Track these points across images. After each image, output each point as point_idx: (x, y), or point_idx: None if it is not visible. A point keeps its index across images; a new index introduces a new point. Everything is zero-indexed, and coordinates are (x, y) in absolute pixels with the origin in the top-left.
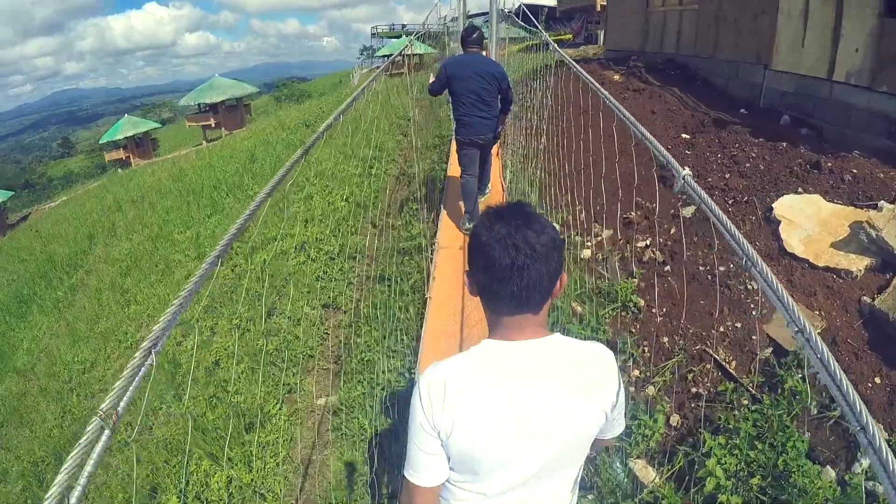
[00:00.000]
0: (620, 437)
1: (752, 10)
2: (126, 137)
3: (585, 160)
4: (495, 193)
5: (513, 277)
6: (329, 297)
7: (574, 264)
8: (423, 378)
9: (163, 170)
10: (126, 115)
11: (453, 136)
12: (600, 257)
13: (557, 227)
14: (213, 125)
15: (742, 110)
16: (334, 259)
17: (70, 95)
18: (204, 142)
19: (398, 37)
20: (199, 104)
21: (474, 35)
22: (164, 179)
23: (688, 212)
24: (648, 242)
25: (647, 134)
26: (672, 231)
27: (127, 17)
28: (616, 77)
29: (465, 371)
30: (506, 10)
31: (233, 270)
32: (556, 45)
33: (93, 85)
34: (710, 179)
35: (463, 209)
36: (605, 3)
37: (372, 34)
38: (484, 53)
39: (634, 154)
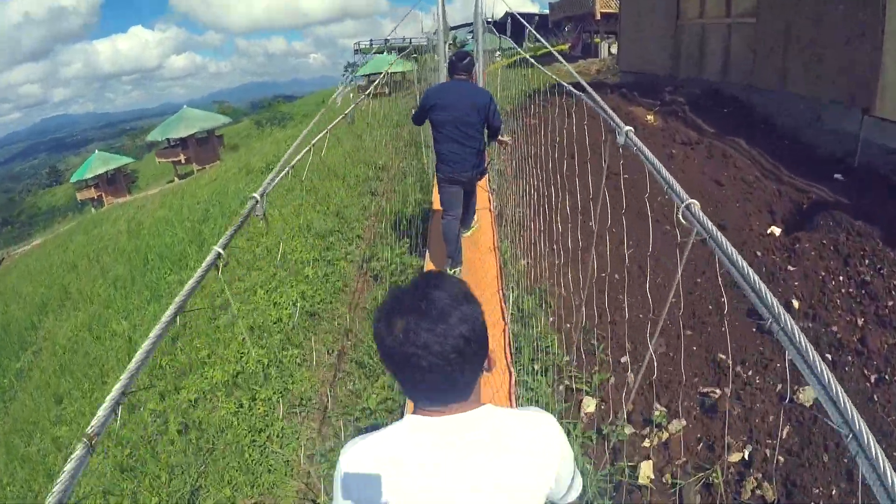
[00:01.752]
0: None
1: (843, 30)
2: (97, 175)
3: (614, 261)
4: (484, 227)
5: (426, 379)
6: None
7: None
8: (342, 460)
9: (126, 216)
10: (97, 150)
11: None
12: (667, 480)
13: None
14: (182, 161)
15: (837, 175)
16: (274, 408)
17: (58, 122)
18: (176, 178)
19: (382, 52)
20: (167, 139)
21: (464, 62)
22: (122, 233)
23: (807, 398)
24: (748, 455)
25: (753, 277)
26: (786, 432)
27: (112, 41)
28: (650, 117)
29: (388, 459)
30: (491, 21)
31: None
32: (567, 65)
33: (81, 110)
34: (833, 328)
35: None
36: (605, 11)
37: (355, 50)
38: (472, 81)
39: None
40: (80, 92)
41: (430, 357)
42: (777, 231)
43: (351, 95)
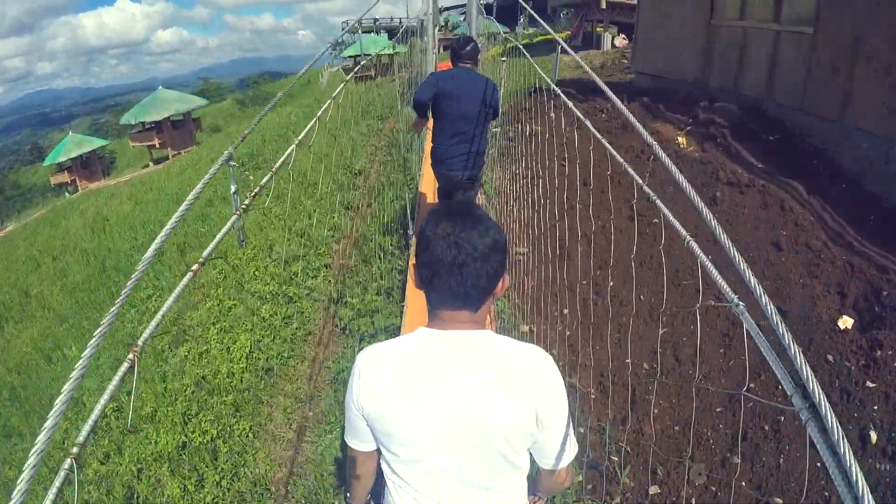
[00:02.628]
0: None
1: None
2: (71, 159)
3: (642, 339)
4: None
5: (452, 274)
6: None
7: None
8: (359, 357)
9: (94, 208)
10: (70, 132)
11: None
12: None
13: None
14: (157, 145)
15: None
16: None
17: (43, 96)
18: (150, 163)
19: (370, 31)
20: (142, 122)
21: (468, 48)
22: (86, 228)
23: None
24: None
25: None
26: None
27: (98, 14)
28: (681, 139)
29: (396, 358)
30: (483, 3)
31: None
32: (574, 55)
33: (66, 85)
34: None
35: None
36: (611, 0)
37: (343, 29)
38: (477, 70)
39: None
40: (66, 66)
41: (468, 248)
42: (850, 322)
43: (337, 70)
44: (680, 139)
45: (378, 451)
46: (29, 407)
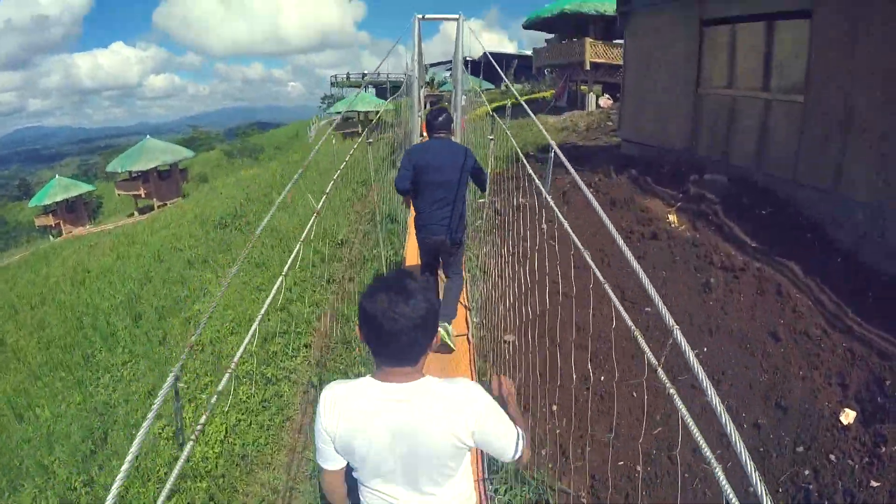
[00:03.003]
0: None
1: None
2: (56, 202)
3: None
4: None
5: (392, 341)
6: None
7: None
8: (324, 392)
9: (75, 257)
10: (56, 176)
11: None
12: None
13: None
14: (143, 195)
15: None
16: None
17: (34, 133)
18: (136, 212)
19: (358, 86)
20: (129, 171)
21: (441, 118)
22: (66, 279)
23: None
24: None
25: None
26: None
27: (93, 55)
28: (672, 217)
29: (351, 396)
30: (470, 60)
31: None
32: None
33: (57, 123)
34: None
35: None
36: (595, 61)
37: (332, 83)
38: (451, 138)
39: None
40: (58, 104)
41: (402, 321)
42: (852, 416)
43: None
44: (671, 217)
45: (347, 466)
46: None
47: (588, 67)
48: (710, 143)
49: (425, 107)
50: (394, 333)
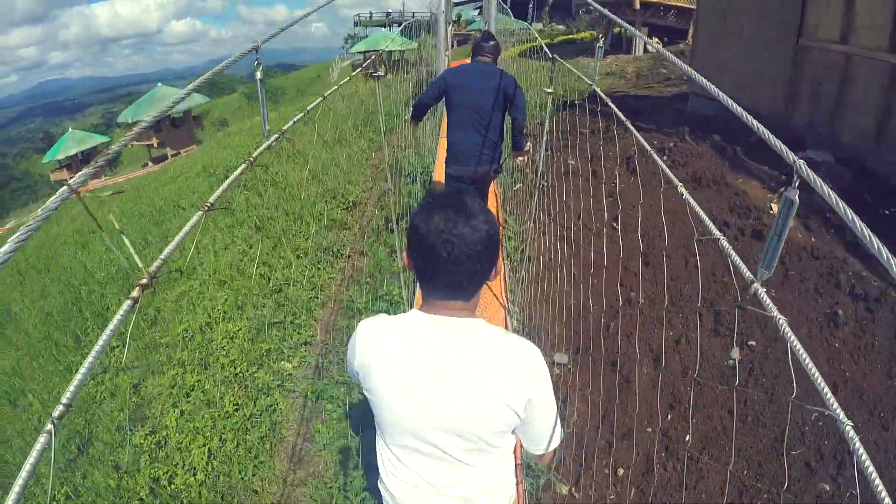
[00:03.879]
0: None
1: None
2: (70, 156)
3: None
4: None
5: (447, 270)
6: None
7: None
8: (361, 325)
9: (84, 214)
10: (70, 129)
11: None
12: None
13: None
14: (155, 145)
15: None
16: None
17: (57, 85)
18: (149, 162)
19: (383, 25)
20: (138, 121)
21: (489, 42)
22: (71, 241)
23: None
24: None
25: None
26: None
27: (112, 4)
28: (775, 207)
29: (390, 332)
30: None
31: None
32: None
33: (79, 74)
34: None
35: None
36: (649, 0)
37: (355, 23)
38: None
39: None
40: (79, 56)
41: (461, 245)
42: None
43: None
44: (775, 207)
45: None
46: None
47: (637, 7)
48: (813, 112)
49: (453, 46)
50: (449, 260)
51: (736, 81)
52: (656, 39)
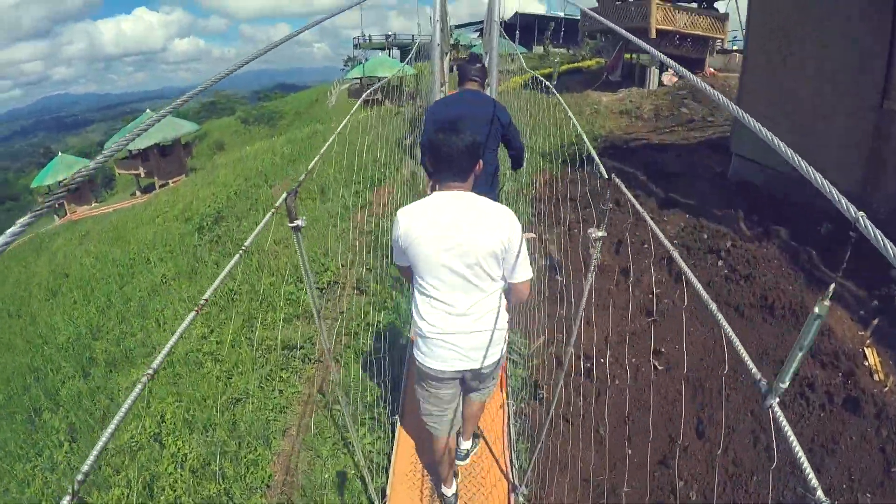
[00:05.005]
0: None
1: None
2: (59, 182)
3: None
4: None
5: (449, 162)
6: None
7: None
8: (399, 213)
9: (63, 251)
10: (59, 153)
11: None
12: None
13: None
14: (142, 175)
15: None
16: None
17: (59, 101)
18: (138, 192)
19: (382, 48)
20: (129, 150)
21: (474, 66)
22: (44, 285)
23: None
24: None
25: None
26: None
27: (116, 21)
28: (870, 357)
29: (419, 208)
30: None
31: None
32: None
33: (82, 90)
34: None
35: None
36: (664, 28)
37: (355, 45)
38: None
39: None
40: (82, 72)
41: (456, 148)
42: None
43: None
44: (870, 357)
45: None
46: None
47: (654, 35)
48: None
49: (451, 70)
50: (450, 156)
51: (794, 143)
52: (671, 70)
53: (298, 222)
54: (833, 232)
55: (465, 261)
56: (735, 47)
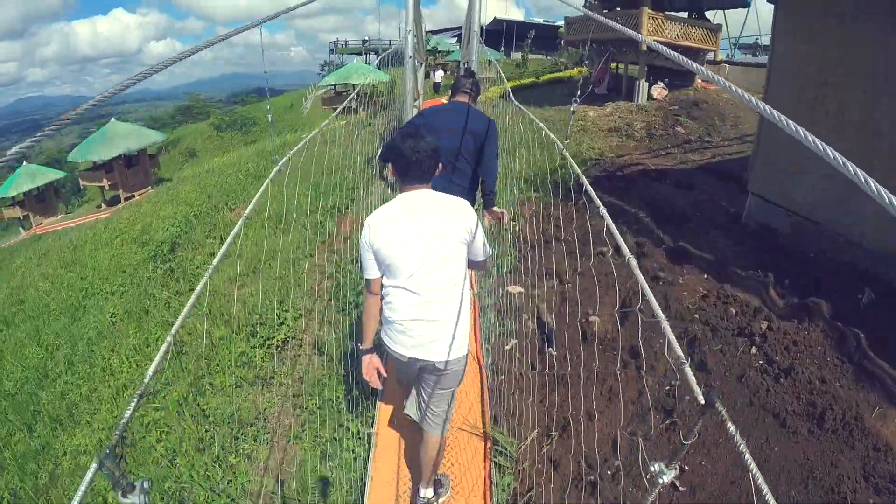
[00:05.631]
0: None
1: None
2: (24, 193)
3: None
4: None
5: (415, 165)
6: None
7: None
8: (368, 220)
9: (21, 271)
10: (24, 162)
11: None
12: None
13: None
14: (107, 187)
15: None
16: None
17: (34, 103)
18: (103, 204)
19: (359, 53)
20: (93, 161)
21: (467, 80)
22: (2, 307)
23: None
24: None
25: None
26: None
27: (92, 22)
28: None
29: (386, 212)
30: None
31: None
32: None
33: (57, 92)
34: None
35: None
36: (658, 39)
37: (330, 50)
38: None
39: None
40: (57, 73)
41: (419, 153)
42: None
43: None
44: None
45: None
46: None
47: (644, 48)
48: None
49: (427, 78)
50: (417, 161)
51: (824, 191)
52: (662, 84)
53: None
54: (876, 302)
55: (434, 250)
56: (720, 58)
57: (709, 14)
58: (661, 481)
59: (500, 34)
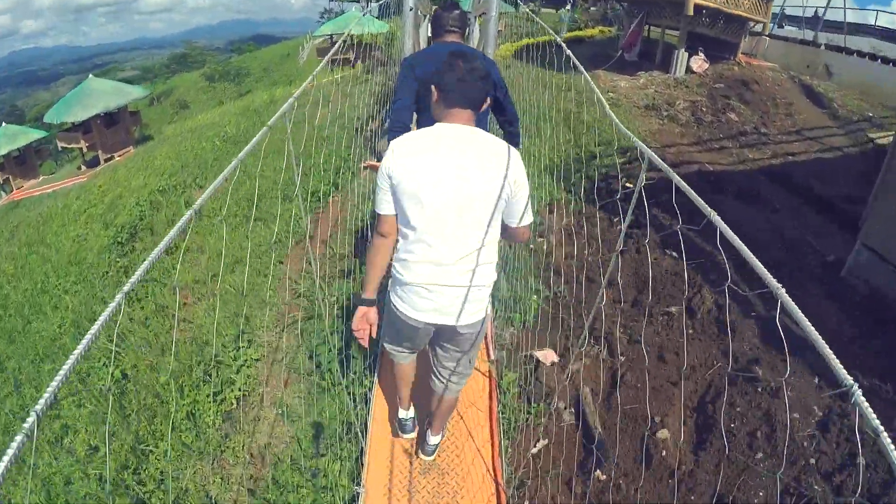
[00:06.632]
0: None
1: None
2: (3, 155)
3: None
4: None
5: (466, 90)
6: None
7: None
8: (391, 143)
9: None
10: (3, 123)
11: None
12: None
13: None
14: (85, 148)
15: None
16: None
17: (29, 55)
18: (83, 166)
19: (358, 0)
20: (72, 121)
21: (451, 14)
22: None
23: None
24: None
25: None
26: None
27: None
28: None
29: (419, 138)
30: None
31: None
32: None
33: (53, 43)
34: None
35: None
36: (704, 4)
37: None
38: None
39: None
40: (53, 23)
41: (473, 75)
42: None
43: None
44: None
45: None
46: None
47: (690, 12)
48: None
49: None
50: (469, 81)
51: None
52: (702, 55)
53: None
54: None
55: (464, 205)
56: (767, 30)
57: None
58: None
59: None
